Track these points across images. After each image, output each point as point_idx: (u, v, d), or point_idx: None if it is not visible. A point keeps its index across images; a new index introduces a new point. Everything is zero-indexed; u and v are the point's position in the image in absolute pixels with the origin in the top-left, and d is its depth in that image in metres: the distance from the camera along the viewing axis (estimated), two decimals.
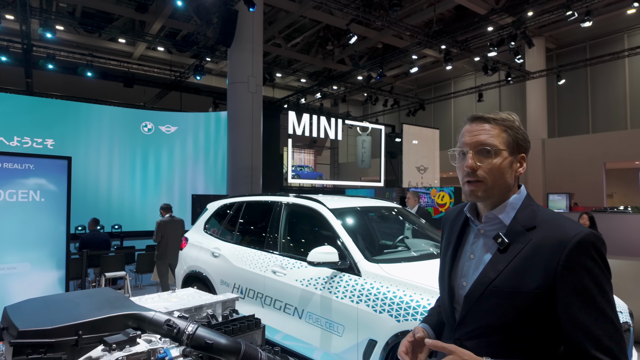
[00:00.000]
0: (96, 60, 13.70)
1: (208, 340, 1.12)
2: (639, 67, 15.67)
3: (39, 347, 1.01)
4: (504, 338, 1.00)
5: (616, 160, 15.02)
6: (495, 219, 1.08)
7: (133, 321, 1.16)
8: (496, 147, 1.05)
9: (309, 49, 16.90)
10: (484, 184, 1.06)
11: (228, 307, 1.50)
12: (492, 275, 1.02)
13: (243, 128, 9.60)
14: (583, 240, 0.95)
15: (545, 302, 0.96)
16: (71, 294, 1.31)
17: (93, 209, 10.90)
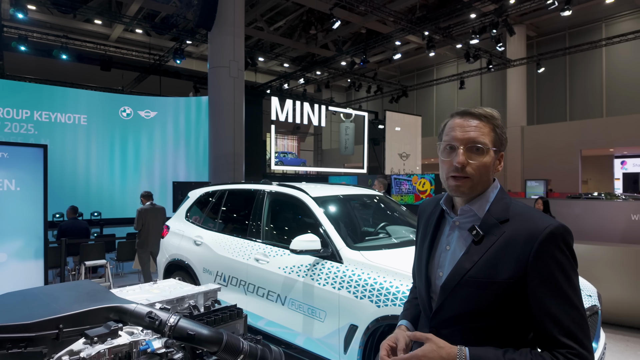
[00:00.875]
0: (71, 42, 13.24)
1: (190, 332, 1.13)
2: (615, 56, 16.01)
3: (19, 341, 1.00)
4: (478, 325, 1.05)
5: (592, 147, 15.44)
6: (470, 211, 1.12)
7: (114, 314, 1.16)
8: (487, 145, 1.09)
9: (292, 33, 16.68)
10: (470, 180, 1.09)
11: (210, 298, 1.51)
12: (468, 265, 1.06)
13: (225, 114, 9.46)
14: (552, 233, 0.99)
15: (517, 291, 1.01)
16: (50, 287, 1.30)
17: (71, 196, 10.69)
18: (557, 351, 0.97)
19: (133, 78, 16.74)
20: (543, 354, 0.98)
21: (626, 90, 15.80)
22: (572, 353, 0.96)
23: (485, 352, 0.99)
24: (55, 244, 5.78)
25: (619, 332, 4.52)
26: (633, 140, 14.29)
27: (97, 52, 14.12)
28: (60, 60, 12.95)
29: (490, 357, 0.98)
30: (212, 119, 9.70)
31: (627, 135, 14.29)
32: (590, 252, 4.75)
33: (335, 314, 2.88)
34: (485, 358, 0.98)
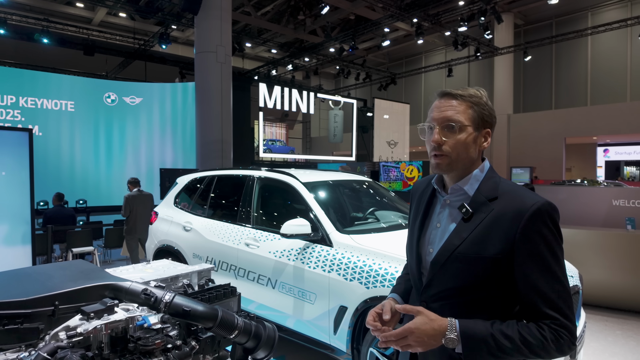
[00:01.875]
0: (52, 25, 12.86)
1: (185, 308, 1.15)
2: (600, 46, 16.22)
3: (15, 318, 1.01)
4: (466, 299, 1.09)
5: (575, 135, 15.71)
6: (460, 190, 1.15)
7: (109, 291, 1.18)
8: (461, 123, 1.11)
9: (280, 19, 16.46)
10: (448, 157, 1.12)
11: (204, 277, 1.53)
12: (457, 242, 1.10)
13: (212, 100, 9.35)
14: (539, 210, 1.03)
15: (504, 266, 1.05)
16: (43, 267, 1.30)
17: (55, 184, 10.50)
18: (542, 322, 1.01)
19: (117, 63, 16.37)
20: (529, 325, 1.02)
21: (610, 79, 16.06)
22: (555, 323, 1.00)
23: (474, 324, 1.02)
24: (41, 232, 5.71)
25: (598, 313, 4.68)
26: (615, 129, 14.58)
27: (80, 37, 13.75)
28: (42, 44, 12.59)
29: (479, 328, 1.02)
30: (199, 105, 9.58)
31: (610, 123, 14.57)
32: (573, 236, 4.88)
33: (325, 296, 2.92)
34: (474, 329, 1.02)
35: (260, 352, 1.34)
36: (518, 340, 1.00)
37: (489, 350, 1.00)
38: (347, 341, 2.82)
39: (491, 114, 1.15)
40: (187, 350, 1.13)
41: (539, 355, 1.01)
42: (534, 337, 1.00)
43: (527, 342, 0.99)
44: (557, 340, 1.00)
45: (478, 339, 1.01)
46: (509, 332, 1.01)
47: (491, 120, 1.15)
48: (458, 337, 1.01)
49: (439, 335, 1.02)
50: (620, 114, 14.30)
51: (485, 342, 1.00)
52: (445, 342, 1.02)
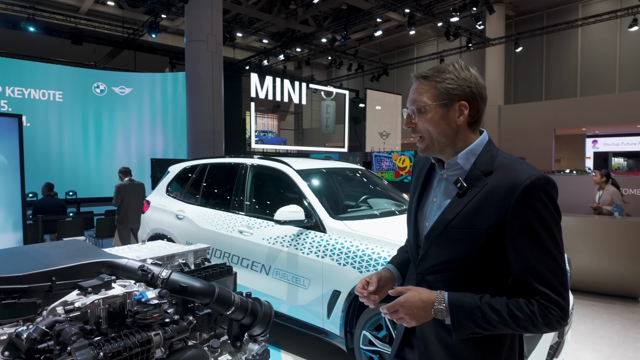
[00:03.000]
0: (38, 13, 12.58)
1: (183, 284, 1.16)
2: (590, 37, 16.33)
3: (12, 292, 1.01)
4: (459, 273, 1.10)
5: (565, 126, 15.86)
6: (456, 164, 1.14)
7: (106, 268, 1.18)
8: (424, 103, 1.12)
9: (271, 8, 16.29)
10: (424, 139, 1.14)
11: (200, 256, 1.53)
12: (450, 216, 1.10)
13: (203, 89, 9.26)
14: (533, 184, 1.01)
15: (497, 240, 1.05)
16: (38, 245, 1.30)
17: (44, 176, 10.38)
18: (532, 298, 1.01)
19: (106, 53, 16.11)
20: (518, 300, 1.02)
21: (599, 70, 16.20)
22: (545, 299, 1.00)
23: (462, 296, 1.04)
24: (31, 221, 5.65)
25: (586, 298, 4.78)
26: (604, 120, 14.75)
27: (67, 25, 13.47)
28: (28, 33, 12.33)
29: (467, 300, 1.03)
30: (189, 95, 9.49)
31: (599, 115, 14.73)
32: (562, 223, 4.95)
33: (319, 281, 2.95)
34: (462, 301, 1.03)
35: (256, 328, 1.36)
36: (505, 313, 1.00)
37: (476, 322, 1.02)
38: (341, 325, 2.85)
39: (462, 85, 1.10)
40: (184, 324, 1.15)
41: (529, 330, 1.02)
42: (522, 312, 1.00)
43: (514, 316, 1.00)
44: (546, 315, 1.00)
45: (465, 310, 1.02)
46: (496, 305, 1.02)
47: (463, 92, 1.10)
48: (446, 308, 1.03)
49: (428, 307, 1.04)
50: (609, 105, 14.46)
51: (472, 313, 1.02)
52: (435, 313, 1.04)
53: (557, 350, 2.69)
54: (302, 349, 3.37)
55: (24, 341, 0.93)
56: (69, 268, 1.10)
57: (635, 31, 13.59)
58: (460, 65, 1.13)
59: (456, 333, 1.04)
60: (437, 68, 1.14)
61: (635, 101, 13.80)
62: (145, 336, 1.02)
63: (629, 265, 4.69)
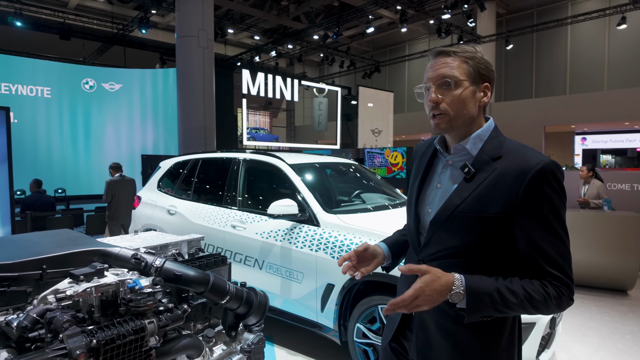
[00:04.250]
0: (26, 8, 12.36)
1: (177, 272, 1.14)
2: (579, 35, 16.50)
3: (2, 280, 0.99)
4: (464, 260, 1.09)
5: (555, 124, 16.03)
6: (463, 150, 1.13)
7: (98, 257, 1.16)
8: (456, 78, 1.08)
9: (263, 4, 16.19)
10: (446, 115, 1.09)
11: (193, 246, 1.52)
12: (457, 201, 1.08)
13: (194, 85, 9.18)
14: (543, 169, 1.02)
15: (505, 226, 1.04)
16: (28, 235, 1.27)
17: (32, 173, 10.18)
18: (545, 279, 1.02)
19: (95, 49, 15.88)
20: (532, 281, 1.03)
21: (588, 68, 16.39)
22: (558, 280, 1.02)
23: (480, 279, 1.02)
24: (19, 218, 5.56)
25: (576, 291, 4.81)
26: (593, 117, 14.93)
27: (55, 20, 13.26)
28: (15, 27, 12.11)
29: (485, 283, 1.01)
30: (180, 91, 9.40)
31: (588, 112, 14.91)
32: None
33: (313, 275, 2.94)
34: (480, 284, 1.01)
35: (251, 318, 1.35)
36: (522, 295, 1.00)
37: (493, 305, 1.00)
38: (334, 318, 2.85)
39: (488, 67, 1.12)
40: (179, 313, 1.13)
41: (540, 311, 1.03)
42: (538, 293, 1.01)
43: (530, 297, 1.00)
44: (559, 296, 1.01)
45: (484, 293, 1.00)
46: (513, 287, 1.01)
47: (489, 74, 1.12)
48: (464, 292, 1.00)
49: (446, 291, 1.00)
50: (597, 102, 14.64)
51: (490, 296, 1.00)
52: (451, 297, 1.00)
53: (548, 341, 2.72)
54: (295, 343, 3.37)
55: (14, 329, 0.91)
56: (60, 256, 1.08)
57: (623, 29, 13.77)
58: (480, 49, 1.14)
59: (469, 316, 1.01)
60: (463, 47, 1.12)
61: (623, 99, 13.99)
62: (139, 324, 1.00)
63: (617, 258, 4.75)
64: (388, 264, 1.33)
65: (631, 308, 4.34)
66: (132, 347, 0.98)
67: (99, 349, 0.91)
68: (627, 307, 4.36)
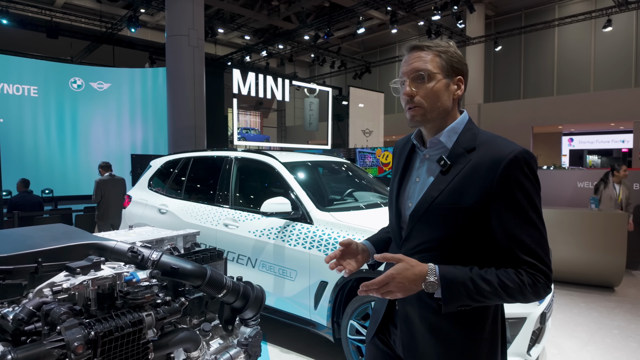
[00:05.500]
0: (12, 5, 12.16)
1: (174, 266, 1.14)
2: (566, 37, 16.76)
3: None
4: (444, 252, 1.10)
5: (542, 124, 16.25)
6: (439, 143, 1.15)
7: (94, 251, 1.15)
8: (429, 71, 1.11)
9: (253, 4, 16.15)
10: (421, 108, 1.12)
11: (189, 241, 1.51)
12: (435, 194, 1.10)
13: (184, 85, 9.11)
14: (516, 158, 1.04)
15: (482, 215, 1.06)
16: (21, 229, 1.26)
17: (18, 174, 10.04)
18: (520, 268, 1.04)
19: (83, 47, 15.69)
20: (507, 270, 1.04)
21: (575, 70, 16.65)
22: (533, 268, 1.03)
23: (453, 268, 1.04)
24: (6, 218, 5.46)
25: (564, 288, 4.92)
26: (579, 118, 15.17)
27: (42, 18, 13.07)
28: (1, 25, 11.91)
29: (459, 272, 1.03)
30: (170, 91, 9.32)
31: (575, 113, 15.15)
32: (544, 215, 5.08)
33: (306, 273, 2.94)
34: (453, 273, 1.03)
35: (248, 312, 1.35)
36: (496, 283, 1.01)
37: (468, 294, 1.02)
38: (328, 316, 2.86)
39: (461, 61, 1.15)
40: (176, 306, 1.12)
41: (517, 299, 1.04)
42: (512, 281, 1.02)
43: (505, 285, 1.01)
44: (535, 284, 1.02)
45: (457, 282, 1.02)
46: (487, 276, 1.02)
47: (462, 68, 1.15)
48: (438, 281, 1.02)
49: (420, 280, 1.02)
50: (584, 103, 14.88)
51: (464, 285, 1.02)
52: (425, 286, 1.02)
53: (539, 336, 2.76)
54: (288, 341, 3.36)
55: (10, 322, 0.90)
56: (55, 249, 1.06)
57: (609, 32, 14.02)
58: (453, 43, 1.17)
59: (446, 306, 1.03)
60: (436, 42, 1.15)
61: (608, 100, 14.25)
62: (137, 316, 0.99)
63: (604, 256, 4.84)
64: (373, 261, 1.34)
65: (618, 304, 4.42)
66: (130, 339, 0.97)
67: (97, 340, 0.90)
68: (614, 303, 4.44)
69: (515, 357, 2.50)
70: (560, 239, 4.94)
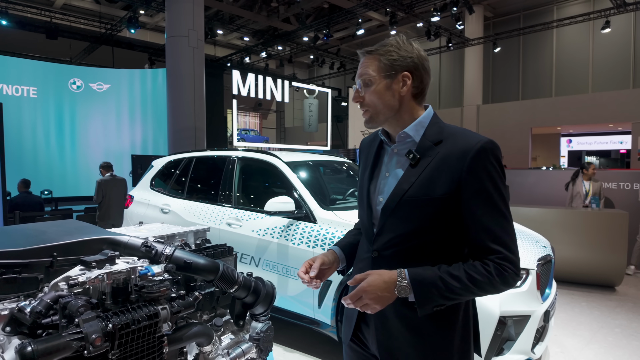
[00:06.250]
0: (11, 7, 12.15)
1: (187, 260, 1.15)
2: (564, 39, 16.83)
3: (13, 267, 0.98)
4: (417, 244, 1.11)
5: (541, 125, 16.30)
6: (407, 137, 1.18)
7: (108, 245, 1.15)
8: (369, 75, 1.16)
9: (253, 5, 16.17)
10: (369, 110, 1.18)
11: (200, 237, 1.52)
12: (406, 187, 1.12)
13: (184, 85, 9.12)
14: (483, 148, 1.06)
15: (452, 205, 1.07)
16: (34, 224, 1.26)
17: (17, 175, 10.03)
18: (487, 258, 1.05)
19: (82, 48, 15.68)
20: (474, 263, 1.05)
21: (573, 71, 16.72)
22: (499, 257, 1.04)
23: (422, 270, 1.05)
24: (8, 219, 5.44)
25: (565, 287, 4.93)
26: (578, 119, 15.22)
27: (42, 19, 13.06)
28: (0, 26, 11.89)
29: (428, 273, 1.04)
30: (170, 91, 9.32)
31: (573, 114, 15.19)
32: (541, 215, 5.11)
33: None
34: (422, 274, 1.04)
35: (258, 307, 1.36)
36: (465, 278, 1.02)
37: (440, 293, 1.03)
38: (332, 314, 2.86)
39: (405, 57, 1.15)
40: (190, 300, 1.13)
41: (488, 291, 1.05)
42: (480, 274, 1.03)
43: (473, 279, 1.02)
44: (501, 273, 1.03)
45: (427, 283, 1.03)
46: (455, 272, 1.03)
47: (406, 63, 1.15)
48: (409, 285, 1.03)
49: (391, 286, 1.03)
50: (582, 105, 14.93)
51: (434, 285, 1.03)
52: (398, 292, 1.03)
53: (542, 334, 2.77)
54: (292, 340, 3.37)
55: (27, 315, 0.90)
56: (70, 244, 1.07)
57: (607, 33, 14.08)
58: (402, 39, 1.18)
59: (421, 309, 1.04)
60: (381, 43, 1.18)
61: (607, 101, 14.30)
62: (153, 310, 1.00)
63: (604, 255, 4.86)
64: (343, 267, 1.35)
65: (619, 303, 4.44)
66: (145, 332, 0.98)
67: (115, 333, 0.91)
68: (615, 302, 4.46)
69: (520, 355, 2.51)
70: (560, 238, 4.95)
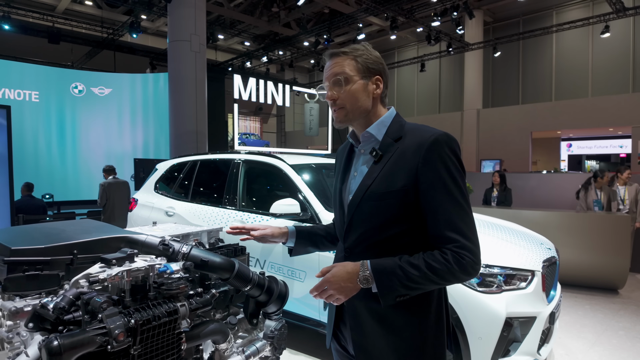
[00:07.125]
0: (14, 11, 12.22)
1: (204, 258, 1.16)
2: (564, 43, 16.92)
3: (35, 264, 0.99)
4: (384, 237, 1.14)
5: (541, 130, 16.34)
6: (371, 137, 1.22)
7: (126, 244, 1.17)
8: (347, 74, 1.18)
9: (253, 10, 16.27)
10: (344, 109, 1.20)
11: (213, 237, 1.53)
12: (369, 182, 1.16)
13: (186, 90, 9.16)
14: (437, 140, 1.10)
15: (412, 197, 1.11)
16: (53, 223, 1.28)
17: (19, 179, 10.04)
18: (445, 247, 1.07)
19: (84, 53, 15.75)
20: (433, 252, 1.08)
21: (573, 75, 16.79)
22: (457, 246, 1.06)
23: (383, 260, 1.09)
24: None
25: (569, 290, 4.94)
26: (578, 123, 15.27)
27: (44, 24, 13.12)
28: (3, 31, 11.96)
29: (388, 262, 1.07)
30: (172, 96, 9.36)
31: (573, 118, 15.25)
32: (544, 218, 5.12)
33: (315, 274, 2.95)
34: (383, 264, 1.07)
35: (271, 306, 1.37)
36: (424, 267, 1.04)
37: (400, 282, 1.05)
38: None
39: (377, 61, 1.21)
40: (207, 297, 1.15)
41: (449, 280, 1.07)
42: (438, 262, 1.05)
43: (432, 267, 1.04)
44: (459, 261, 1.04)
45: (388, 272, 1.05)
46: (415, 261, 1.06)
47: (378, 68, 1.21)
48: (371, 275, 1.06)
49: (354, 277, 1.07)
50: (582, 109, 14.99)
51: (394, 274, 1.05)
52: (360, 282, 1.06)
53: (548, 336, 2.77)
54: (298, 342, 3.37)
55: (50, 311, 0.92)
56: (89, 242, 1.08)
57: (606, 38, 14.16)
58: (369, 46, 1.24)
59: (384, 298, 1.06)
60: (353, 46, 1.22)
61: (606, 105, 14.35)
62: (172, 306, 1.01)
63: (608, 258, 4.86)
64: (291, 245, 1.41)
65: (622, 306, 4.45)
66: (165, 328, 0.99)
67: (137, 329, 0.92)
68: (618, 305, 4.46)
69: (526, 356, 2.51)
70: (564, 241, 4.96)
